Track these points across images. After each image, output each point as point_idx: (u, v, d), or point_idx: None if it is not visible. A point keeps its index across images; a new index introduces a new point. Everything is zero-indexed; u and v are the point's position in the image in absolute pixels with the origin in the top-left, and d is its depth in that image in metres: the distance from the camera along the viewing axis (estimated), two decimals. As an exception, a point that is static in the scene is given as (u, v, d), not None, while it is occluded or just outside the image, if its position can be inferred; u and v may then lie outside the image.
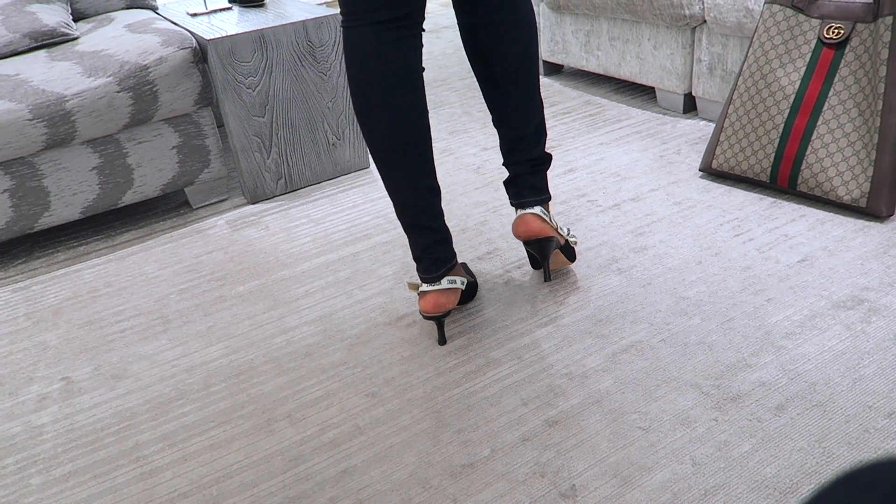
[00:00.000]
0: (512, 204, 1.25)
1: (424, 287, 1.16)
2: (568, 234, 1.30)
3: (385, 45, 1.03)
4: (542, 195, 1.24)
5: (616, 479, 0.92)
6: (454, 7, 1.16)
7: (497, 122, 1.22)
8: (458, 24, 1.16)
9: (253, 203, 1.81)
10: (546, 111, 2.21)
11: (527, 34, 1.15)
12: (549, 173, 1.80)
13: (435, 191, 1.13)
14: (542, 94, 2.37)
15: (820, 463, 0.91)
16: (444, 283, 1.15)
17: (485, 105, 2.33)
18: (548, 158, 1.25)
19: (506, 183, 1.26)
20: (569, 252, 1.33)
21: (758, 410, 1.00)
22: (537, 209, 1.22)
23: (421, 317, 1.27)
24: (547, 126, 2.10)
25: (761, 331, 1.16)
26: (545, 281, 1.25)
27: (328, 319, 1.31)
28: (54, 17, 1.81)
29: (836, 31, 1.44)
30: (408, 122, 1.07)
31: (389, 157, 1.09)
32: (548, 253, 1.22)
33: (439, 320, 1.18)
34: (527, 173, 1.23)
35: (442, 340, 1.20)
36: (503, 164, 1.26)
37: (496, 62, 1.15)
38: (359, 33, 1.04)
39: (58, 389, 1.21)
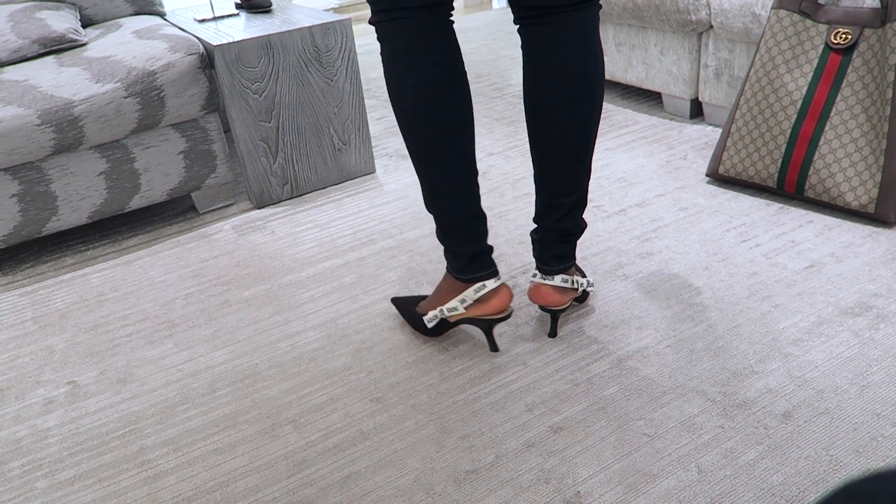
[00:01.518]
0: (535, 256, 1.18)
1: (492, 283, 1.10)
2: (587, 286, 1.20)
3: (441, 31, 1.00)
4: (566, 262, 1.14)
5: (621, 486, 0.92)
6: (523, 53, 1.06)
7: (536, 180, 1.12)
8: (523, 70, 1.07)
9: (259, 208, 1.81)
10: (552, 116, 2.21)
11: (593, 98, 1.03)
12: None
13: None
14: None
15: (827, 471, 0.91)
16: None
17: (490, 110, 2.33)
18: (581, 229, 1.14)
19: (532, 235, 1.17)
20: (580, 298, 1.29)
21: (764, 417, 1.00)
22: (558, 280, 1.14)
23: (468, 325, 1.19)
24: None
25: (768, 337, 1.15)
26: (550, 336, 1.21)
27: (333, 324, 1.31)
28: (63, 23, 1.83)
29: (844, 36, 1.43)
30: (465, 103, 1.03)
31: (450, 142, 1.03)
32: (558, 319, 1.21)
33: (507, 318, 1.15)
34: (554, 241, 1.13)
35: (496, 347, 1.18)
36: (533, 220, 1.17)
37: (552, 123, 1.04)
38: (415, 21, 0.98)
39: (64, 393, 1.21)
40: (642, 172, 1.77)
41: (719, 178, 1.64)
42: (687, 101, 2.04)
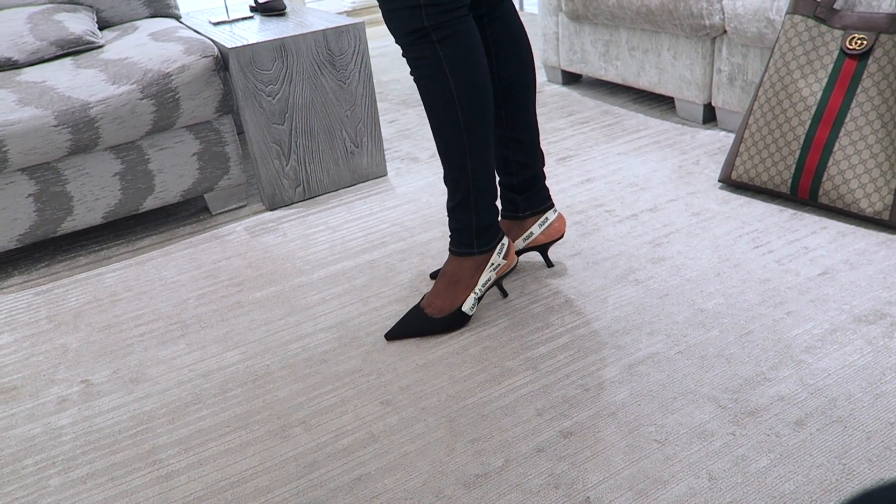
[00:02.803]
0: (537, 211, 1.36)
1: (507, 240, 1.27)
2: None
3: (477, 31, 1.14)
4: None
5: (631, 493, 0.91)
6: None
7: (518, 134, 1.30)
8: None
9: (271, 210, 1.82)
10: (564, 120, 2.21)
11: (529, 44, 1.29)
12: (566, 182, 1.80)
13: None
14: (561, 103, 2.37)
15: (840, 480, 0.90)
16: None
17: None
18: None
19: (520, 190, 1.34)
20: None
21: (776, 425, 0.99)
22: None
23: (503, 278, 1.31)
24: (565, 135, 2.10)
25: (780, 344, 1.15)
26: (550, 267, 1.42)
27: (344, 326, 1.32)
28: (80, 25, 1.85)
29: (859, 41, 1.42)
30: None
31: (490, 127, 1.16)
32: None
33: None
34: (543, 177, 1.35)
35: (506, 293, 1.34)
36: (518, 178, 1.33)
37: (522, 87, 1.27)
38: (469, 23, 1.10)
39: (77, 392, 1.22)
40: (654, 177, 1.76)
41: (732, 183, 1.63)
42: (700, 105, 2.03)
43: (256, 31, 1.78)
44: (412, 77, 1.16)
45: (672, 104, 2.24)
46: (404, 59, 3.14)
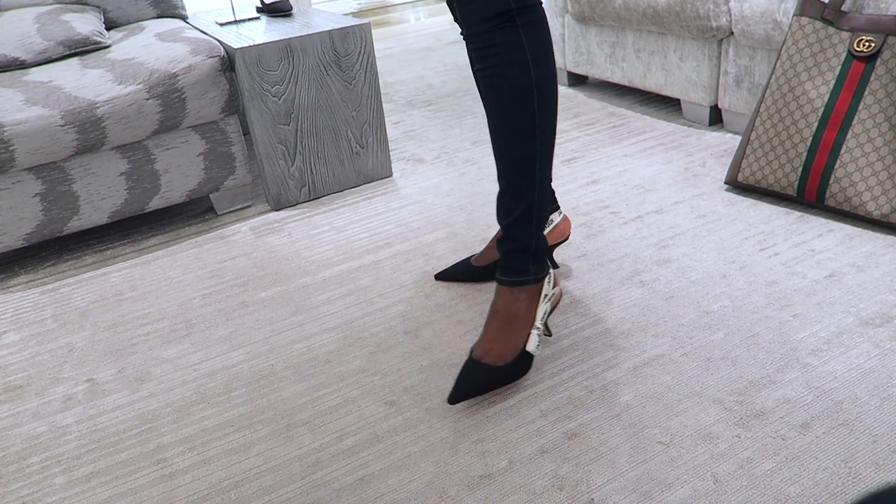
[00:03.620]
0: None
1: (551, 270, 1.16)
2: None
3: None
4: None
5: (635, 494, 0.91)
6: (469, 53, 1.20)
7: None
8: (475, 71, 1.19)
9: (276, 210, 1.83)
10: (570, 122, 2.21)
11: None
12: (572, 184, 1.79)
13: None
14: (567, 105, 2.37)
15: (846, 483, 0.89)
16: None
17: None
18: None
19: None
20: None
21: (782, 428, 0.99)
22: None
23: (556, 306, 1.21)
24: (571, 136, 2.10)
25: (786, 347, 1.14)
26: (555, 268, 1.41)
27: (348, 327, 1.32)
28: (87, 25, 1.86)
29: (867, 43, 1.41)
30: None
31: (556, 127, 1.09)
32: None
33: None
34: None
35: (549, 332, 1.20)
36: None
37: None
38: (544, 13, 1.04)
39: (82, 391, 1.22)
40: (660, 179, 1.76)
41: (738, 185, 1.63)
42: (706, 107, 2.03)
43: (263, 32, 1.78)
44: (480, 71, 1.02)
45: (678, 106, 2.24)
46: (410, 61, 3.15)
